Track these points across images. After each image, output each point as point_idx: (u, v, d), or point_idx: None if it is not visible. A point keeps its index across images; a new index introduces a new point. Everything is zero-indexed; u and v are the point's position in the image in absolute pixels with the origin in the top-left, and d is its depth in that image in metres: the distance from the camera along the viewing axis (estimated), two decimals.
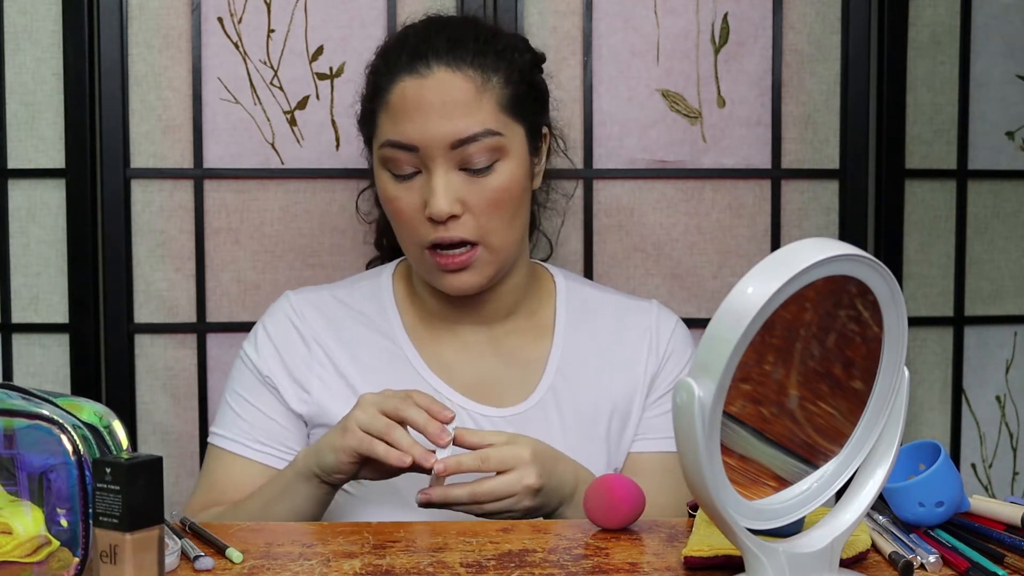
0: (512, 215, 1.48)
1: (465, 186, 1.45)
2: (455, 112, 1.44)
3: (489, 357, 1.56)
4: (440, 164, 1.44)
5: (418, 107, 1.45)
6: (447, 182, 1.44)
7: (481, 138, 1.44)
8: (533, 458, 1.34)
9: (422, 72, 1.46)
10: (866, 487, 1.08)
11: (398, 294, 1.59)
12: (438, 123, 1.44)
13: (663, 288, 1.98)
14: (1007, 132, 2.06)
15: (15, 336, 1.96)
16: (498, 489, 1.32)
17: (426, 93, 1.45)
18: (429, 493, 1.32)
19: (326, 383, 1.53)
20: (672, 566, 1.14)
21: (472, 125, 1.44)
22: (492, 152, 1.45)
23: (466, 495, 1.32)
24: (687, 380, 0.96)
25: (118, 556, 0.99)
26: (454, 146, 1.44)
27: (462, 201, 1.45)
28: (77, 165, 1.91)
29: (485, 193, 1.45)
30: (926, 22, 2.01)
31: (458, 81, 1.45)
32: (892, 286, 1.02)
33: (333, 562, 1.15)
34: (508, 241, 1.49)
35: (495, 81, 1.47)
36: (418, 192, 1.46)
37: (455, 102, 1.44)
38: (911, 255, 2.04)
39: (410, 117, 1.45)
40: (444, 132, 1.44)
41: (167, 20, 1.91)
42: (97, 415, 1.09)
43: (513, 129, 1.48)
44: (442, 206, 1.43)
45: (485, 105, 1.45)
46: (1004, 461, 2.10)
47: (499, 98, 1.47)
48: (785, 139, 1.98)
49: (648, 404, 1.57)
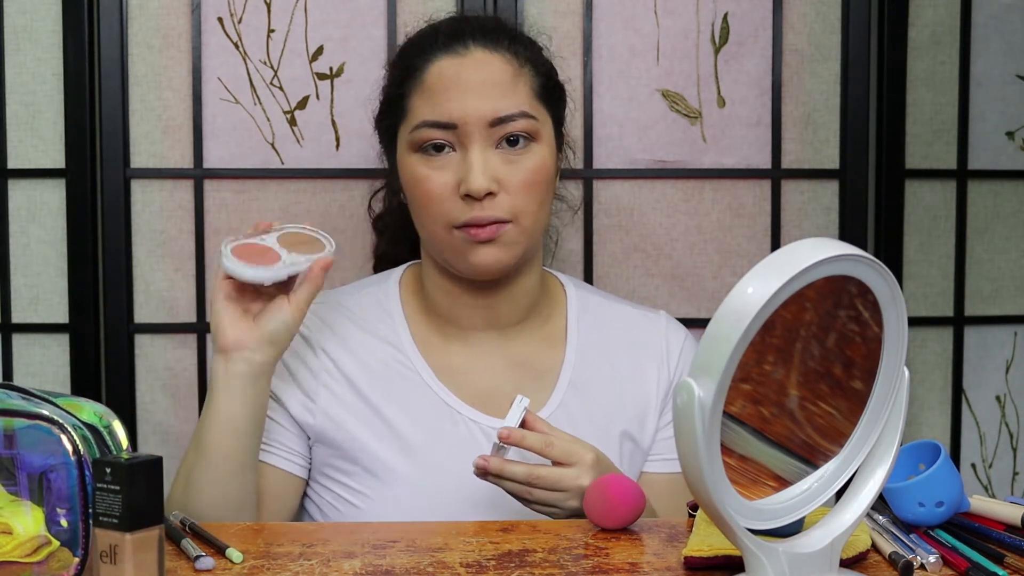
0: (542, 199, 1.49)
1: (502, 165, 1.46)
2: (493, 91, 1.45)
3: (501, 364, 1.54)
4: (477, 141, 1.45)
5: (457, 84, 1.46)
6: (485, 159, 1.45)
7: (518, 118, 1.46)
8: (594, 463, 1.34)
9: (460, 51, 1.48)
10: (866, 487, 1.08)
11: (405, 301, 1.57)
12: (477, 101, 1.45)
13: (663, 288, 1.98)
14: (1007, 132, 2.06)
15: (15, 336, 1.96)
16: (555, 479, 1.32)
17: (464, 72, 1.46)
18: (488, 460, 1.32)
19: (333, 391, 1.50)
20: (672, 566, 1.14)
21: (510, 105, 1.46)
22: (528, 134, 1.47)
23: (523, 473, 1.31)
24: (687, 380, 0.96)
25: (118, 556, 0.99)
26: (492, 124, 1.45)
27: (498, 179, 1.45)
28: (77, 165, 1.91)
29: (521, 173, 1.46)
30: (926, 22, 2.01)
31: (496, 62, 1.47)
32: (892, 286, 1.02)
33: (333, 562, 1.15)
34: (537, 224, 1.49)
35: (528, 69, 1.49)
36: (452, 171, 1.46)
37: (494, 81, 1.46)
38: (911, 255, 2.04)
39: (448, 95, 1.46)
40: (484, 110, 1.45)
41: (167, 20, 1.91)
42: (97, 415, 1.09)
43: (544, 116, 1.50)
44: (480, 182, 1.43)
45: (521, 88, 1.48)
46: (1004, 461, 2.10)
47: (532, 84, 1.49)
48: (785, 139, 1.98)
49: (661, 425, 1.56)
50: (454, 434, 1.48)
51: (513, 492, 1.34)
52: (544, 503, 1.33)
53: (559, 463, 1.33)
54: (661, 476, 1.54)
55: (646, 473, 1.55)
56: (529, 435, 1.33)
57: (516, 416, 1.34)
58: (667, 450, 1.55)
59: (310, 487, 1.53)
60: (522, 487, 1.32)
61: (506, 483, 1.33)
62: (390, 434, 1.48)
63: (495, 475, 1.32)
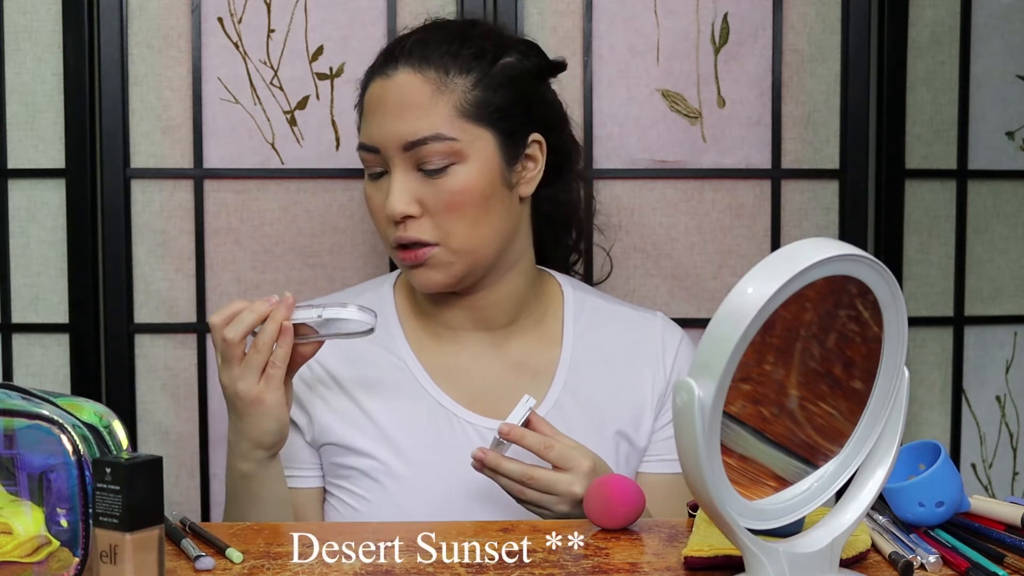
0: (475, 219, 1.45)
1: (422, 187, 1.44)
2: (407, 114, 1.44)
3: (496, 365, 1.54)
4: (397, 165, 1.45)
5: (379, 108, 1.46)
6: (404, 183, 1.44)
7: (430, 142, 1.43)
8: (591, 471, 1.34)
9: (389, 73, 1.47)
10: (866, 487, 1.08)
11: (400, 305, 1.57)
12: (393, 124, 1.44)
13: (663, 288, 1.98)
14: (1007, 132, 2.06)
15: (15, 336, 1.96)
16: (549, 482, 1.32)
17: (386, 94, 1.46)
18: (485, 454, 1.33)
19: (328, 401, 1.50)
20: (672, 566, 1.14)
21: (422, 128, 1.43)
22: (446, 156, 1.44)
23: (518, 472, 1.32)
24: (687, 380, 0.96)
25: (118, 556, 0.99)
26: (406, 148, 1.44)
27: (420, 201, 1.44)
28: (77, 165, 1.91)
29: (441, 195, 1.44)
30: (926, 22, 2.01)
31: (416, 82, 1.45)
32: (892, 286, 1.02)
33: (333, 562, 1.15)
34: (473, 244, 1.46)
35: (460, 83, 1.45)
36: (384, 192, 1.46)
37: (409, 104, 1.44)
38: (911, 255, 2.04)
39: (372, 119, 1.47)
40: (397, 133, 1.44)
41: (167, 20, 1.91)
42: (97, 415, 1.09)
43: (475, 134, 1.45)
44: (396, 206, 1.44)
45: (441, 108, 1.44)
46: (1004, 461, 2.10)
47: (460, 101, 1.44)
48: (785, 139, 1.98)
49: (657, 427, 1.56)
50: (450, 436, 1.48)
51: (507, 488, 1.34)
52: (536, 504, 1.34)
53: (556, 467, 1.33)
54: (657, 477, 1.54)
55: (642, 474, 1.55)
56: (529, 435, 1.33)
57: (520, 414, 1.35)
58: (664, 451, 1.55)
59: None
60: (516, 485, 1.33)
61: (501, 479, 1.34)
62: (385, 438, 1.48)
63: (491, 469, 1.33)
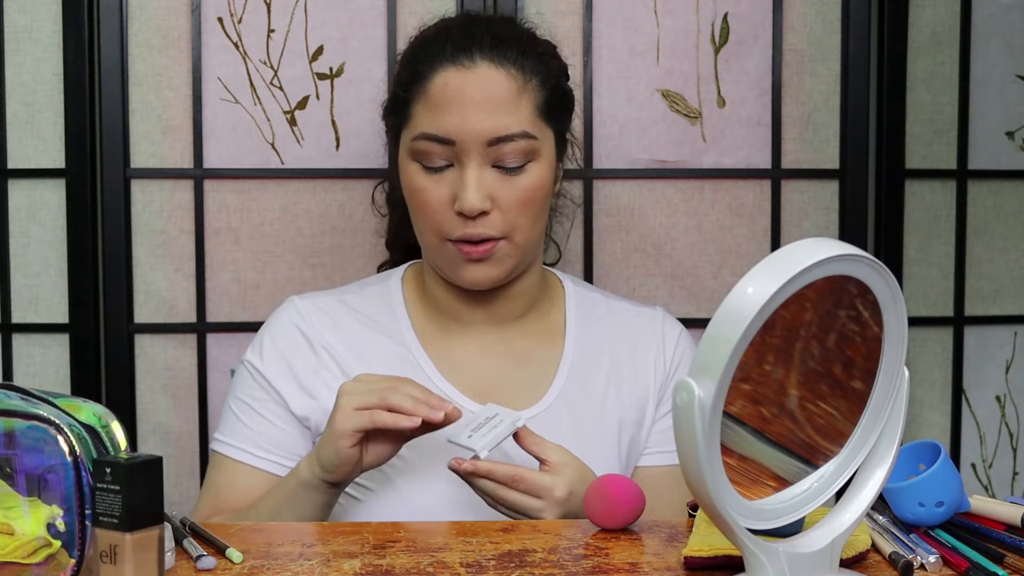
0: (537, 215, 1.48)
1: (497, 183, 1.45)
2: (496, 109, 1.44)
3: (502, 357, 1.55)
4: (474, 159, 1.44)
5: (459, 100, 1.44)
6: (480, 177, 1.44)
7: (517, 139, 1.44)
8: (564, 500, 1.33)
9: (466, 65, 1.45)
10: (866, 487, 1.08)
11: (408, 298, 1.57)
12: (478, 118, 1.43)
13: (663, 288, 1.98)
14: (1007, 132, 2.06)
15: (15, 336, 1.96)
16: (516, 503, 1.32)
17: (468, 87, 1.44)
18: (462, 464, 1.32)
19: (334, 389, 1.50)
20: (672, 566, 1.14)
21: (511, 124, 1.44)
22: (526, 154, 1.45)
23: (489, 488, 1.32)
24: (687, 380, 0.95)
25: (118, 556, 0.99)
26: (491, 143, 1.44)
27: (492, 197, 1.45)
28: (77, 165, 1.91)
29: (516, 192, 1.45)
30: (926, 22, 2.01)
31: (501, 79, 1.45)
32: (892, 286, 1.02)
33: (333, 562, 1.15)
34: (530, 239, 1.49)
35: (534, 83, 1.47)
36: (448, 185, 1.45)
37: (497, 99, 1.44)
38: (911, 255, 2.04)
39: (450, 110, 1.44)
40: (483, 128, 1.43)
41: (167, 20, 1.91)
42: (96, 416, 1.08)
43: (545, 133, 1.48)
44: (474, 201, 1.43)
45: (524, 106, 1.45)
46: (1004, 461, 2.10)
47: (536, 101, 1.47)
48: (785, 139, 1.98)
49: (656, 416, 1.56)
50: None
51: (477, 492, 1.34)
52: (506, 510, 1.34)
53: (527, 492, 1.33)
54: (656, 469, 1.55)
55: (640, 467, 1.55)
56: (498, 471, 1.32)
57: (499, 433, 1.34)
58: (663, 443, 1.55)
59: None
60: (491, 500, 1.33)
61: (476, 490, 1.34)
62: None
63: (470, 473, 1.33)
